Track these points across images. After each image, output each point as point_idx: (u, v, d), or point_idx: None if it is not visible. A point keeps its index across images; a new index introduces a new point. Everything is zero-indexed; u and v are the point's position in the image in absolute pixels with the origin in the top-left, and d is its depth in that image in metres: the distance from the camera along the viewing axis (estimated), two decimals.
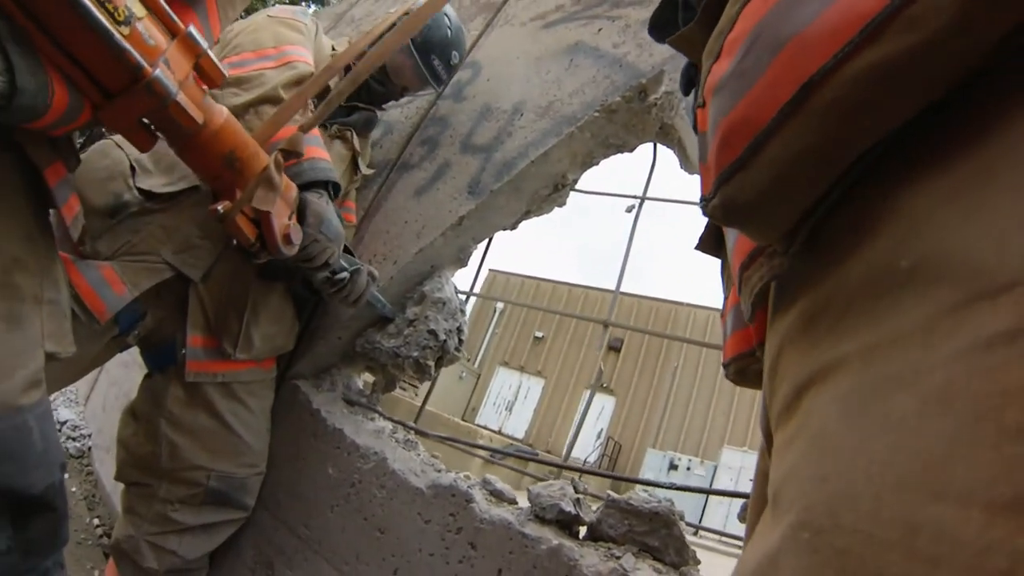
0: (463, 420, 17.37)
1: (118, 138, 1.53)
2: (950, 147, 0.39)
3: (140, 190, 1.50)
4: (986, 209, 0.35)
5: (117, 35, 0.89)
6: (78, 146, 1.30)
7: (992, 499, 0.29)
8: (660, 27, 0.88)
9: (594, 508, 1.44)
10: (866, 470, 0.35)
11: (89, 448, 3.48)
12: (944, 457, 0.31)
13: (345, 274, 1.66)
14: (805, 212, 0.46)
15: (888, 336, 0.37)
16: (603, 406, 25.94)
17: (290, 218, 1.39)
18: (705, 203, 0.51)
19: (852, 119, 0.40)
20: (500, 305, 29.20)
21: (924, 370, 0.34)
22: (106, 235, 1.48)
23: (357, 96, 2.01)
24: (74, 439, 3.50)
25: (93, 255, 1.46)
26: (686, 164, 1.94)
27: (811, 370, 0.43)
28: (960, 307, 0.33)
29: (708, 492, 1.70)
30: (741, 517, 1.46)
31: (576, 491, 1.45)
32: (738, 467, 20.16)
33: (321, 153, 1.58)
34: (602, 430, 25.03)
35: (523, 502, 1.51)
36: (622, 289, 1.99)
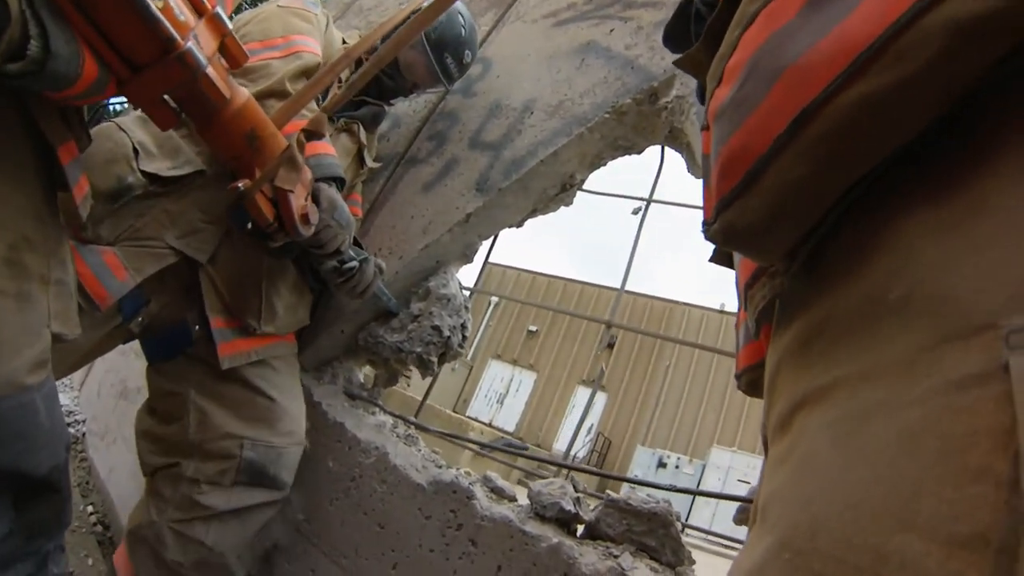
0: (454, 412, 17.39)
1: (121, 120, 1.51)
2: (942, 179, 0.40)
3: (144, 173, 1.46)
4: (970, 248, 0.36)
5: (153, 6, 0.90)
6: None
7: (952, 534, 0.30)
8: (674, 39, 0.89)
9: (592, 507, 1.45)
10: (845, 497, 0.37)
11: (83, 434, 3.46)
12: (914, 491, 0.33)
13: (354, 263, 1.65)
14: (803, 236, 0.48)
15: (875, 366, 0.38)
16: (594, 402, 25.97)
17: (306, 199, 1.39)
18: (707, 227, 0.53)
19: (844, 150, 0.42)
20: (494, 297, 29.19)
21: (903, 404, 0.35)
22: (108, 220, 1.44)
23: (366, 90, 2.00)
24: (68, 425, 3.47)
25: (95, 240, 1.43)
26: (694, 168, 1.94)
27: (805, 391, 0.44)
28: (940, 344, 0.35)
29: (699, 494, 1.71)
30: (737, 520, 1.47)
31: (576, 490, 1.46)
32: (726, 467, 20.24)
33: (327, 148, 1.57)
34: (592, 425, 25.08)
35: (522, 497, 1.52)
36: (620, 286, 2.00)
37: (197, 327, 1.61)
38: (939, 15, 0.36)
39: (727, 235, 0.50)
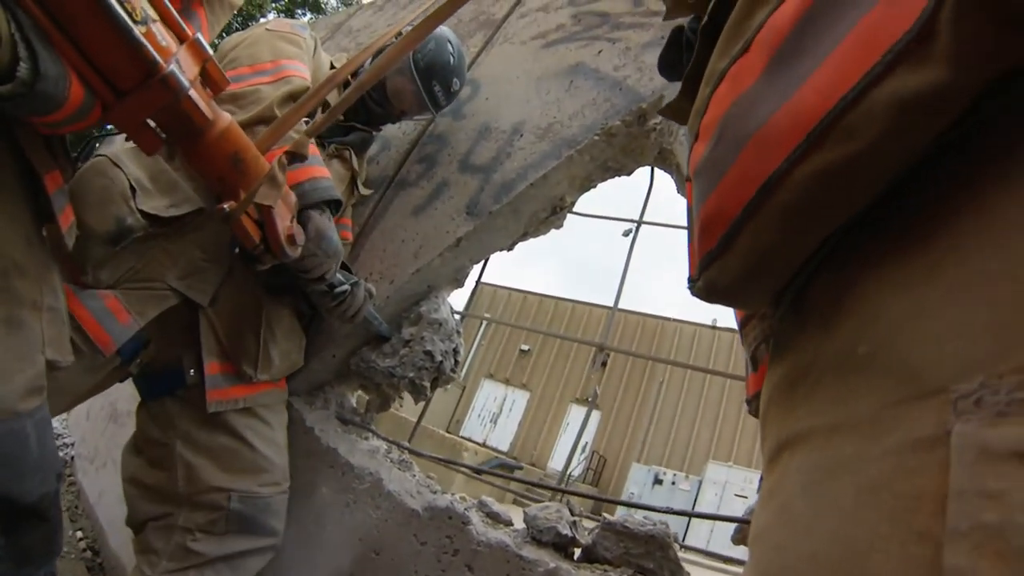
0: (448, 432, 17.30)
1: (114, 154, 1.49)
2: (908, 236, 0.41)
3: (143, 213, 1.44)
4: (930, 308, 0.36)
5: (136, 31, 0.92)
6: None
7: None
8: (669, 67, 0.92)
9: (589, 530, 1.44)
10: (811, 547, 0.38)
11: (72, 458, 3.42)
12: (867, 546, 0.33)
13: (345, 287, 1.64)
14: (784, 286, 0.50)
15: (845, 419, 0.39)
16: (588, 421, 25.88)
17: (292, 221, 1.38)
18: (691, 284, 0.55)
19: (805, 218, 0.43)
20: (488, 315, 29.20)
21: (865, 461, 0.36)
22: (108, 263, 1.42)
23: (355, 116, 2.00)
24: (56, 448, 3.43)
25: (94, 284, 1.41)
26: (683, 189, 1.95)
27: (788, 433, 0.46)
28: (900, 403, 0.35)
29: (696, 515, 1.71)
30: (735, 540, 1.47)
31: (572, 513, 1.45)
32: (723, 482, 20.17)
33: (322, 172, 1.56)
34: (587, 444, 25.01)
35: (518, 521, 1.51)
36: (612, 306, 2.00)
37: (192, 371, 1.60)
38: (884, 91, 0.37)
39: (710, 292, 0.53)
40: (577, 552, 1.42)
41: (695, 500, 20.23)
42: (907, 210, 0.41)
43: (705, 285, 0.52)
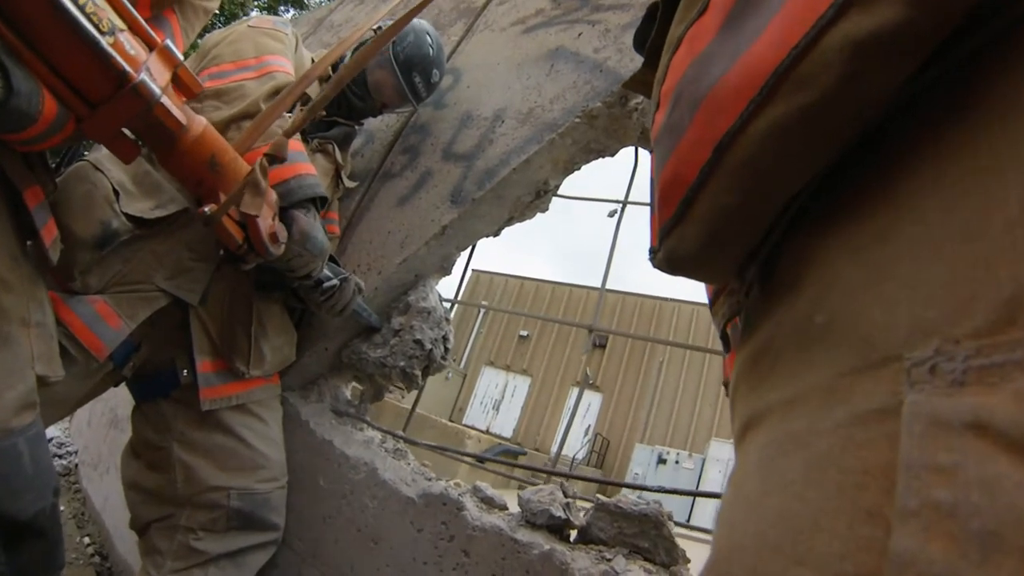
0: (450, 421, 17.34)
1: (95, 159, 1.49)
2: (863, 196, 0.39)
3: (128, 216, 1.44)
4: (884, 272, 0.35)
5: (104, 43, 0.93)
6: (52, 168, 1.30)
7: (839, 573, 0.30)
8: (644, 43, 0.90)
9: (583, 511, 1.45)
10: (757, 525, 0.37)
11: (76, 465, 3.44)
12: (811, 525, 0.32)
13: (334, 282, 1.65)
14: (748, 256, 0.47)
15: (800, 392, 0.38)
16: (590, 403, 25.99)
17: (273, 219, 1.39)
18: (652, 255, 0.53)
19: (764, 177, 0.41)
20: (485, 302, 29.20)
21: (815, 435, 0.35)
22: (95, 267, 1.42)
23: (337, 110, 2.00)
24: (60, 456, 3.45)
25: (83, 290, 1.41)
26: None
27: (751, 412, 0.44)
28: (852, 374, 0.34)
29: (696, 495, 1.72)
30: None
31: (566, 495, 1.47)
32: (727, 459, 20.22)
33: (308, 168, 1.55)
34: (589, 427, 25.08)
35: (513, 505, 1.52)
36: (606, 287, 2.00)
37: (185, 371, 1.62)
38: (836, 35, 0.35)
39: (671, 262, 0.51)
40: (573, 534, 1.43)
41: (699, 479, 20.32)
42: (862, 170, 0.40)
43: (665, 255, 0.50)
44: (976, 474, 0.26)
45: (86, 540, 2.78)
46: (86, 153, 1.57)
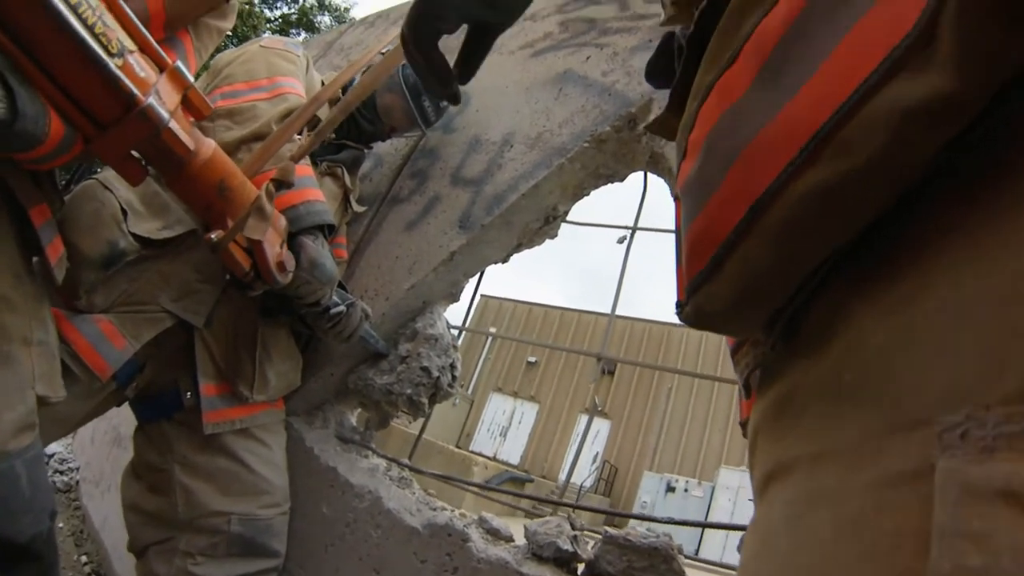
0: (457, 447, 17.25)
1: (104, 178, 1.49)
2: (897, 257, 0.38)
3: (136, 236, 1.44)
4: (915, 335, 0.34)
5: (112, 65, 0.92)
6: (61, 185, 1.29)
7: None
8: (657, 75, 0.90)
9: (591, 543, 1.42)
10: None
11: (77, 482, 3.43)
12: None
13: (341, 308, 1.63)
14: (776, 312, 0.47)
15: (828, 449, 0.38)
16: (598, 430, 25.86)
17: (281, 247, 1.37)
18: (680, 309, 0.52)
19: (800, 239, 0.40)
20: (493, 329, 29.20)
21: (846, 493, 0.35)
22: (101, 287, 1.41)
23: (346, 134, 1.99)
24: (61, 472, 3.45)
25: (88, 308, 1.40)
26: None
27: (774, 463, 0.44)
28: (883, 434, 0.34)
29: (707, 526, 1.68)
30: (740, 550, 1.44)
31: (573, 527, 1.43)
32: (736, 487, 20.06)
33: (316, 194, 1.54)
34: (597, 454, 24.92)
35: (519, 535, 1.49)
36: (610, 314, 1.98)
37: (189, 394, 1.60)
38: (883, 101, 0.34)
39: (699, 318, 0.50)
40: (581, 567, 1.40)
41: (709, 507, 20.13)
42: (897, 230, 0.39)
43: (694, 311, 0.49)
44: (1007, 541, 0.26)
45: (83, 559, 2.77)
46: (99, 170, 1.57)
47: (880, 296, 0.38)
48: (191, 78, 1.09)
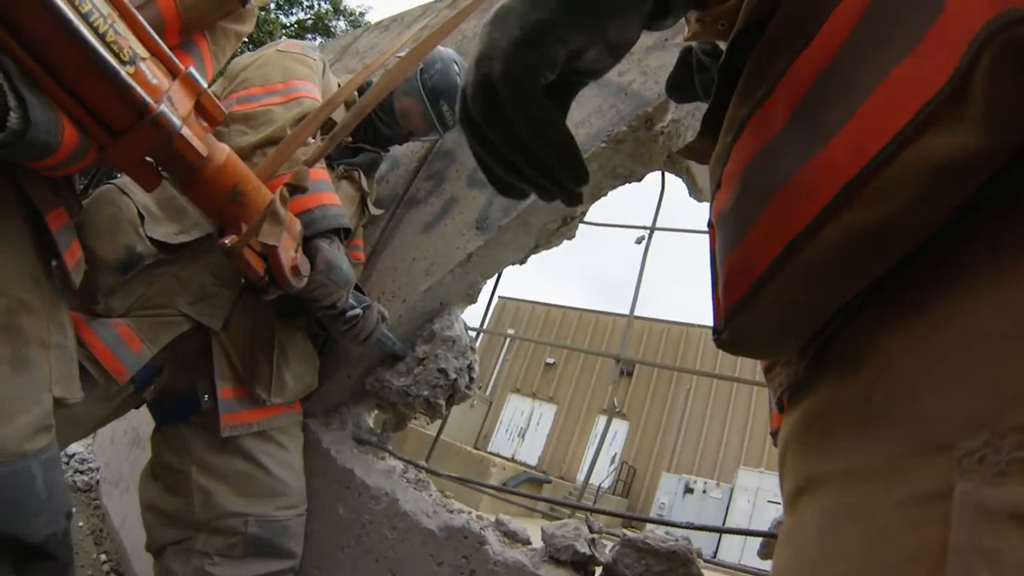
0: (475, 448, 17.27)
1: (122, 183, 1.50)
2: (925, 288, 0.40)
3: (153, 240, 1.44)
4: (940, 362, 0.36)
5: (123, 73, 0.92)
6: (80, 190, 1.30)
7: None
8: (678, 88, 0.91)
9: (609, 546, 1.41)
10: None
11: (97, 482, 3.46)
12: None
13: (357, 311, 1.63)
14: (811, 337, 0.49)
15: (859, 466, 0.40)
16: (616, 431, 25.81)
17: (296, 251, 1.37)
18: (716, 336, 0.54)
19: (833, 277, 0.43)
20: (511, 331, 29.20)
21: (875, 509, 0.37)
22: (119, 291, 1.42)
23: (363, 137, 1.99)
24: (81, 472, 3.48)
25: (106, 312, 1.41)
26: (695, 192, 1.92)
27: (806, 476, 0.46)
28: (911, 455, 0.36)
29: (725, 531, 1.67)
30: (761, 554, 1.43)
31: (591, 530, 1.42)
32: (755, 488, 19.95)
33: (332, 198, 1.54)
34: (616, 455, 24.85)
35: (536, 537, 1.48)
36: (629, 315, 1.97)
37: (206, 396, 1.61)
38: (914, 154, 0.35)
39: (735, 345, 0.53)
40: (598, 571, 1.39)
41: (727, 509, 20.01)
42: (924, 262, 0.41)
43: (730, 338, 0.52)
44: (1014, 558, 0.28)
45: (103, 557, 2.80)
46: (117, 175, 1.58)
47: (908, 324, 0.40)
48: (204, 84, 1.09)
